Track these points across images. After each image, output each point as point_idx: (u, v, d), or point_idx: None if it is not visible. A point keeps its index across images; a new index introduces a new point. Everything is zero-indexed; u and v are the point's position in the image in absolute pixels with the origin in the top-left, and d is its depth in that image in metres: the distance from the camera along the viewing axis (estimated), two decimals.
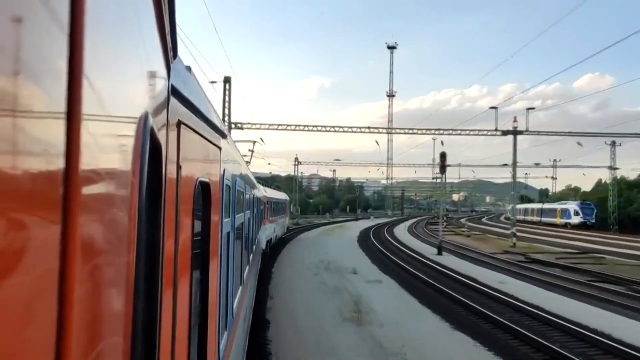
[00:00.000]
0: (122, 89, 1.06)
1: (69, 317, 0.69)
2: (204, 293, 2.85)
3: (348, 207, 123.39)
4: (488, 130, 41.11)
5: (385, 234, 47.12)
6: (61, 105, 0.66)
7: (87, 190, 0.76)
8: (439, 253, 30.92)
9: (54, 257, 0.65)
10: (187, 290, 2.21)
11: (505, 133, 40.54)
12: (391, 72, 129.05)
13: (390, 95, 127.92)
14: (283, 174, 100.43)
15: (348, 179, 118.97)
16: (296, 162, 73.17)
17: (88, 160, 0.75)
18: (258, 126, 40.90)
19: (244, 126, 39.92)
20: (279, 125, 41.71)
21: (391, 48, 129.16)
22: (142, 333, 1.26)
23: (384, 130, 53.23)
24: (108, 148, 0.91)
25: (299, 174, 77.84)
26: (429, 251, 32.07)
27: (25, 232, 0.56)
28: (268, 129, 41.57)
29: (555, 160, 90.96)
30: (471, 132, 42.14)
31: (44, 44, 0.60)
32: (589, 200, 69.59)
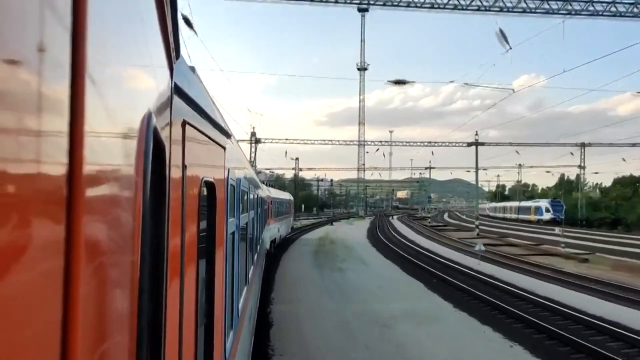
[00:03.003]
0: (125, 89, 1.06)
1: (74, 317, 0.68)
2: (210, 293, 2.86)
3: (303, 205, 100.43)
4: None
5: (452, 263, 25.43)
6: (64, 105, 0.66)
7: (91, 189, 0.75)
8: None
9: (59, 256, 0.65)
10: (193, 290, 2.20)
11: None
12: (362, 40, 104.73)
13: (362, 69, 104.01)
14: None
15: (296, 175, 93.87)
16: (252, 139, 48.29)
17: (91, 159, 0.74)
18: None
19: None
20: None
21: (362, 10, 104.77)
22: (147, 333, 1.25)
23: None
24: (111, 147, 0.90)
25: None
26: None
27: (30, 231, 0.56)
28: None
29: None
30: None
31: (46, 43, 0.59)
32: (558, 199, 74.15)
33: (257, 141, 49.10)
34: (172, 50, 1.81)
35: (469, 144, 46.77)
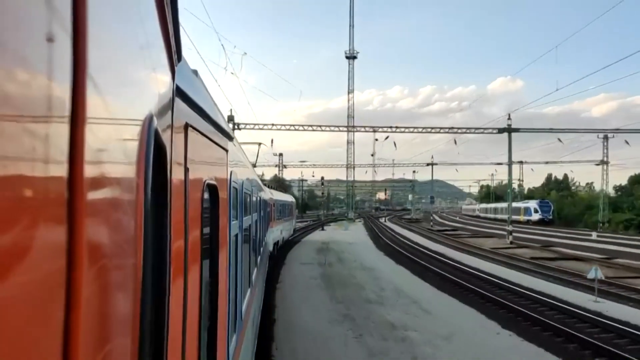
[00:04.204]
0: (126, 92, 1.06)
1: (76, 320, 0.68)
2: (213, 296, 2.81)
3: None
4: None
5: None
6: (65, 107, 0.66)
7: (93, 191, 0.75)
8: None
9: (61, 260, 0.65)
10: (196, 293, 2.17)
11: None
12: (351, 25, 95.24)
13: (351, 57, 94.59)
14: None
15: (275, 175, 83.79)
16: (230, 122, 37.74)
17: (93, 162, 0.74)
18: None
19: None
20: None
21: None
22: (150, 336, 1.23)
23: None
24: (112, 149, 0.90)
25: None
26: None
27: (31, 234, 0.56)
28: None
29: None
30: None
31: (47, 46, 0.59)
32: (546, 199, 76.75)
33: (237, 127, 38.45)
34: (174, 53, 1.83)
35: (501, 130, 37.67)
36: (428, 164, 67.73)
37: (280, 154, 68.71)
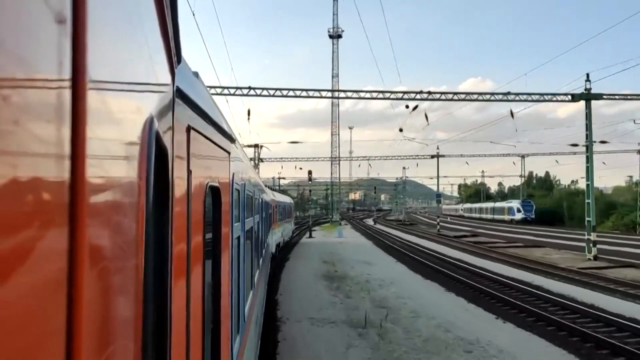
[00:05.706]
0: (126, 94, 1.07)
1: (78, 323, 0.68)
2: (216, 297, 2.82)
3: None
4: None
5: None
6: (66, 110, 0.65)
7: (94, 194, 0.75)
8: None
9: (63, 262, 0.65)
10: (199, 295, 2.18)
11: None
12: (335, 0, 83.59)
13: (335, 36, 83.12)
14: None
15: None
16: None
17: (94, 165, 0.75)
18: None
19: None
20: None
21: None
22: (152, 339, 1.25)
23: None
24: (113, 152, 0.91)
25: None
26: None
27: (32, 238, 0.56)
28: None
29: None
30: None
31: (47, 48, 0.59)
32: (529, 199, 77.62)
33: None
34: (174, 55, 1.83)
35: (575, 97, 26.89)
36: (433, 156, 57.16)
37: (260, 147, 56.16)
